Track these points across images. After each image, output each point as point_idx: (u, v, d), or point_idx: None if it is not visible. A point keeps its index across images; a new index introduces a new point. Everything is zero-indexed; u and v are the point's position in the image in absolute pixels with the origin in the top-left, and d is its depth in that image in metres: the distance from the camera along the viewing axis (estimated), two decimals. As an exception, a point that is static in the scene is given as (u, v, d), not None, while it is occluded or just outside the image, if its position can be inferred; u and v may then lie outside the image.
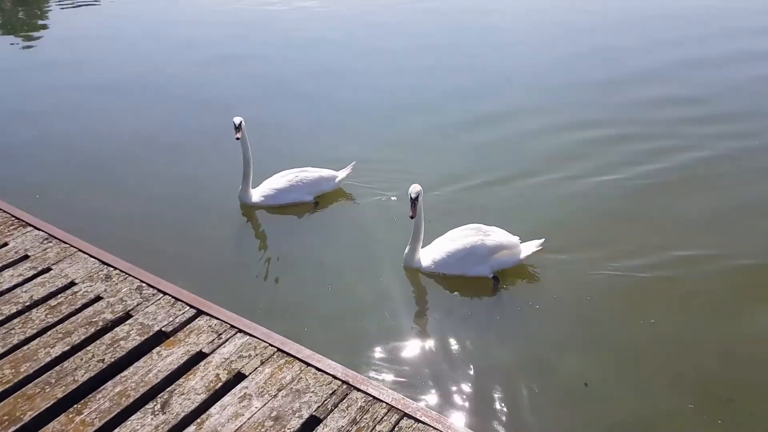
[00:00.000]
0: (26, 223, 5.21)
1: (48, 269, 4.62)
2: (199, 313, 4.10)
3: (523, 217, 6.11)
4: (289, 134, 8.39)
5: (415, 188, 4.96)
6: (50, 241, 4.95)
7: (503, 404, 3.99)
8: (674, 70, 10.05)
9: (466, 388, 4.15)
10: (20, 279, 4.50)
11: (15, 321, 4.08)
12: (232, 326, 3.94)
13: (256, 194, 6.50)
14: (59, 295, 4.32)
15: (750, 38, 11.59)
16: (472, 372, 4.28)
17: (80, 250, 4.81)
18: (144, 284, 4.40)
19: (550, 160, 7.31)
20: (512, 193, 6.65)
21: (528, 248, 5.32)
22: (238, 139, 6.08)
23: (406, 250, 5.32)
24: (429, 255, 5.29)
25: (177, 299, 4.22)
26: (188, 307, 4.14)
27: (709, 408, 3.84)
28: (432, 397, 4.08)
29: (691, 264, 5.27)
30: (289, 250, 5.90)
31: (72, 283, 4.45)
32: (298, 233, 6.24)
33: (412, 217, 5.00)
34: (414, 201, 4.94)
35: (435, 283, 5.31)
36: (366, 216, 6.41)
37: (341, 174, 6.79)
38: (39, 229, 5.11)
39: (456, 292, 5.23)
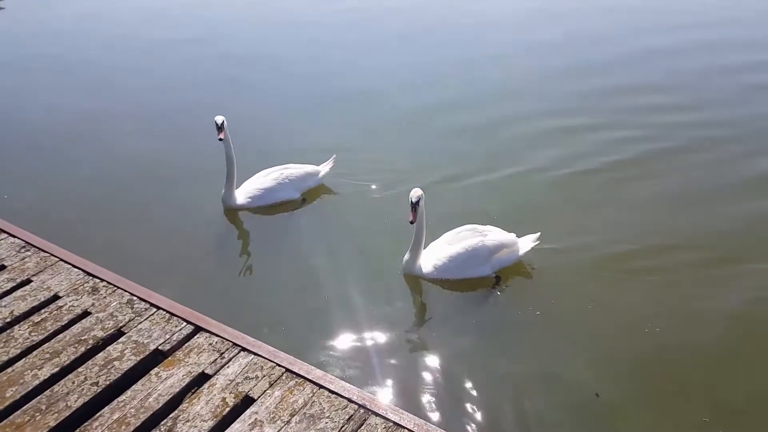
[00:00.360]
0: (0, 229, 4.87)
1: (28, 281, 4.32)
2: (198, 329, 3.88)
3: (506, 210, 6.16)
4: (254, 129, 8.09)
5: (416, 192, 4.79)
6: (28, 250, 4.64)
7: (518, 418, 3.92)
8: (651, 60, 10.23)
9: (478, 403, 4.05)
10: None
11: (-4, 339, 3.78)
12: (235, 344, 3.75)
13: (241, 196, 6.25)
14: (43, 310, 4.04)
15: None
16: (482, 386, 4.18)
17: (61, 260, 4.52)
18: (135, 297, 4.15)
19: (526, 150, 7.36)
20: (493, 186, 6.68)
21: (525, 244, 5.30)
22: (221, 140, 5.81)
23: (406, 257, 5.18)
24: (429, 261, 5.17)
25: (172, 314, 3.99)
26: (185, 323, 3.92)
27: (724, 420, 3.84)
28: (443, 416, 3.97)
29: (689, 263, 5.31)
30: (280, 256, 5.70)
31: (56, 297, 4.17)
32: (287, 236, 6.05)
33: (412, 222, 4.84)
34: (415, 205, 4.78)
35: (435, 289, 5.20)
36: (353, 211, 6.29)
37: (324, 168, 6.67)
38: (14, 236, 4.78)
39: (456, 299, 5.14)
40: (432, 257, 5.18)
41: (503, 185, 6.71)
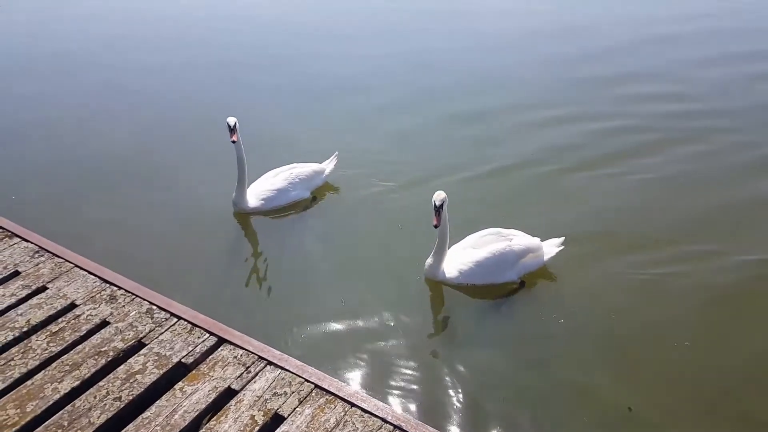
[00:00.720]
0: (12, 233, 4.75)
1: (43, 288, 4.21)
2: (221, 341, 3.78)
3: (525, 213, 6.13)
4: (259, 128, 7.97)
5: (439, 195, 4.67)
6: (42, 255, 4.52)
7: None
8: (669, 66, 10.15)
9: (509, 419, 3.95)
10: (13, 300, 4.08)
11: (13, 350, 3.68)
12: (260, 357, 3.64)
13: (253, 198, 6.13)
14: (60, 320, 3.93)
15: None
16: (511, 400, 4.10)
17: (77, 266, 4.40)
18: (154, 307, 4.04)
19: (543, 152, 7.33)
20: (506, 187, 6.68)
21: (550, 249, 5.23)
22: (234, 142, 5.69)
23: (429, 262, 5.07)
24: (453, 266, 5.05)
25: (194, 325, 3.88)
26: (208, 335, 3.81)
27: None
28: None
29: (716, 267, 5.25)
30: (295, 260, 5.59)
31: (72, 305, 4.06)
32: (300, 238, 5.93)
33: (436, 227, 4.72)
34: (438, 209, 4.66)
35: (457, 295, 5.10)
36: (362, 210, 6.25)
37: (329, 166, 6.62)
38: (28, 241, 4.66)
39: (479, 305, 5.05)
40: (456, 261, 5.06)
41: (510, 182, 6.76)
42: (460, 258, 5.08)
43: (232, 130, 5.64)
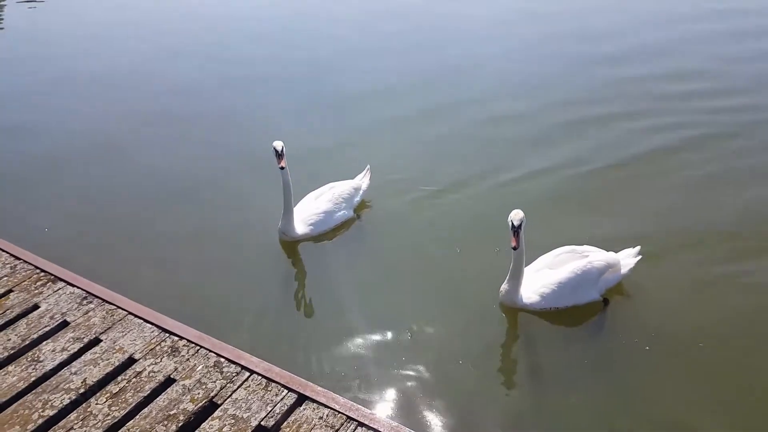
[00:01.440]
0: (55, 276, 4.37)
1: (97, 340, 3.82)
2: (302, 398, 3.38)
3: (579, 220, 5.83)
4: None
5: (517, 215, 4.29)
6: (90, 302, 4.13)
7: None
8: (677, 47, 9.98)
9: None
10: (65, 355, 3.69)
11: (72, 416, 3.29)
12: (349, 417, 3.24)
13: (301, 225, 5.72)
14: (119, 378, 3.54)
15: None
16: None
17: (131, 313, 4.02)
18: (222, 359, 3.64)
19: (583, 152, 7.04)
20: (548, 191, 6.36)
21: (627, 261, 4.91)
22: (282, 168, 5.29)
23: (506, 287, 4.68)
24: (533, 290, 4.68)
25: (269, 380, 3.48)
26: (286, 391, 3.41)
27: None
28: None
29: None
30: (350, 289, 5.15)
31: (131, 360, 3.67)
32: (352, 262, 5.53)
33: (515, 248, 4.35)
34: (517, 229, 4.29)
35: (534, 321, 4.70)
36: (407, 225, 5.92)
37: (364, 181, 6.28)
38: (74, 286, 4.28)
39: (560, 332, 4.67)
40: (536, 285, 4.69)
41: (551, 185, 6.47)
42: (539, 281, 4.71)
43: (280, 155, 5.26)
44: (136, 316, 3.98)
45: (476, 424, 3.89)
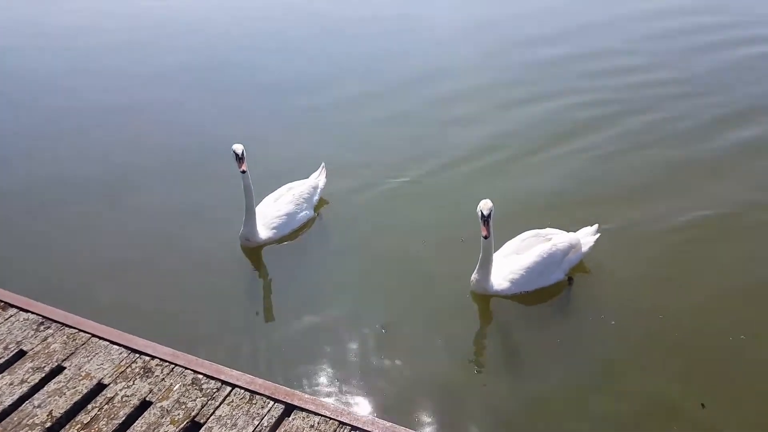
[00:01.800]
0: (5, 303, 4.07)
1: (59, 368, 3.57)
2: (290, 408, 3.24)
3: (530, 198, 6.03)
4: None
5: (486, 205, 4.33)
6: (48, 327, 3.85)
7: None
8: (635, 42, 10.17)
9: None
10: (25, 388, 3.42)
11: (41, 454, 3.03)
12: (341, 423, 3.13)
13: (264, 229, 5.53)
14: (89, 406, 3.31)
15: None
16: (580, 413, 3.80)
17: (94, 335, 3.78)
18: (200, 375, 3.46)
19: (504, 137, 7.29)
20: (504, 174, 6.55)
21: (587, 239, 5.05)
22: (244, 172, 5.10)
23: (476, 276, 4.70)
24: (503, 276, 4.73)
25: (253, 392, 3.33)
26: (273, 402, 3.27)
27: None
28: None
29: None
30: (320, 290, 5.05)
31: (100, 386, 3.44)
32: (319, 262, 5.40)
33: (485, 237, 4.37)
34: (486, 219, 4.32)
35: (505, 305, 4.74)
36: (368, 220, 5.87)
37: (321, 179, 6.18)
38: (27, 311, 3.99)
39: (530, 313, 4.74)
40: (505, 271, 4.74)
41: (508, 171, 6.62)
42: (508, 267, 4.77)
43: (241, 158, 5.05)
44: (100, 338, 3.74)
45: (460, 413, 3.85)
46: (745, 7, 11.52)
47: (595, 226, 5.14)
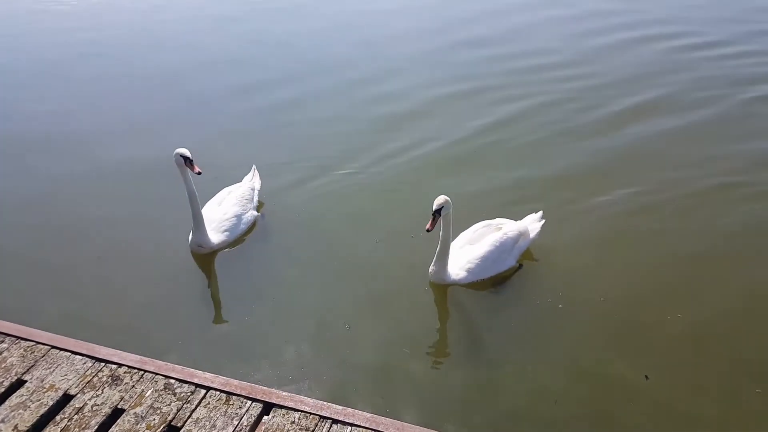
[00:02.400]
0: (-50, 318, 3.83)
1: (20, 381, 3.44)
2: (269, 406, 3.27)
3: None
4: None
5: (438, 200, 4.53)
6: (1, 341, 3.69)
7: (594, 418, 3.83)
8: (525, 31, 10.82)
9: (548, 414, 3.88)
10: (-15, 404, 3.26)
11: (11, 470, 2.92)
12: (322, 417, 3.20)
13: (215, 233, 5.46)
14: (57, 417, 3.21)
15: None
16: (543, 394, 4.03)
17: (54, 347, 3.65)
18: (172, 380, 3.43)
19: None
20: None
21: (534, 226, 5.33)
22: (200, 173, 5.04)
23: (434, 268, 4.89)
24: (459, 266, 4.95)
25: (229, 393, 3.34)
26: (250, 402, 3.29)
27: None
28: None
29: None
30: (278, 291, 5.06)
31: (67, 396, 3.34)
32: (273, 263, 5.41)
33: (428, 231, 4.57)
34: (436, 213, 4.53)
35: (462, 294, 4.96)
36: (312, 217, 5.95)
37: (255, 181, 6.15)
38: (-25, 326, 3.78)
39: (484, 300, 4.96)
40: (461, 261, 4.96)
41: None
42: (464, 257, 4.99)
43: (191, 160, 4.99)
44: (61, 349, 3.62)
45: (430, 403, 3.98)
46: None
47: (540, 212, 5.43)
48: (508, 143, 7.21)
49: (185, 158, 4.98)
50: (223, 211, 5.59)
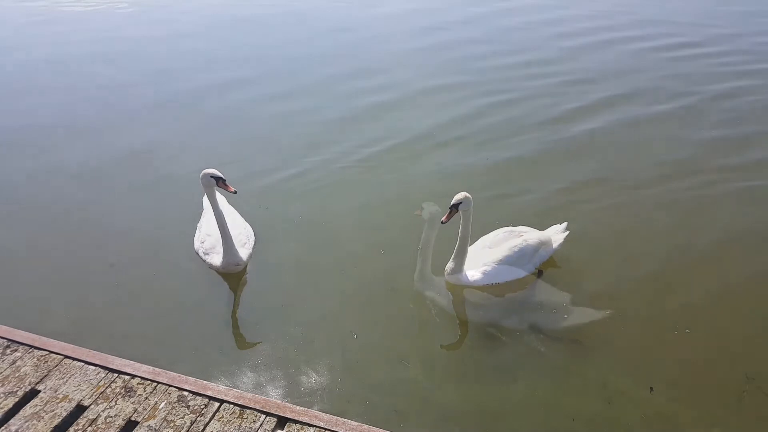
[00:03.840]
0: (-36, 326, 3.83)
1: (34, 391, 3.43)
2: (283, 421, 3.25)
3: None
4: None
5: (457, 196, 4.60)
6: (15, 350, 3.69)
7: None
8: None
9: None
10: (0, 414, 3.25)
11: (25, 482, 2.90)
12: (337, 433, 3.16)
13: (241, 249, 5.28)
14: (71, 429, 3.20)
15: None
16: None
17: (68, 357, 3.64)
18: (186, 392, 3.41)
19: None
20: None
21: (557, 237, 5.29)
22: (235, 192, 4.92)
23: (451, 266, 4.92)
24: (476, 268, 4.96)
25: (243, 407, 3.32)
26: (264, 416, 3.27)
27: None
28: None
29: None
30: (291, 306, 5.03)
31: (81, 407, 3.33)
32: (273, 272, 5.39)
33: (443, 222, 4.66)
34: (453, 208, 4.60)
35: (477, 297, 4.95)
36: (299, 225, 5.96)
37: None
38: (-10, 334, 3.78)
39: (501, 304, 4.94)
40: (478, 263, 4.96)
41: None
42: (481, 259, 4.99)
43: (224, 180, 4.86)
44: (74, 359, 3.61)
45: (449, 414, 3.93)
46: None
47: (564, 224, 5.38)
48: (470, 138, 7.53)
49: (217, 179, 4.85)
50: (235, 225, 5.52)
